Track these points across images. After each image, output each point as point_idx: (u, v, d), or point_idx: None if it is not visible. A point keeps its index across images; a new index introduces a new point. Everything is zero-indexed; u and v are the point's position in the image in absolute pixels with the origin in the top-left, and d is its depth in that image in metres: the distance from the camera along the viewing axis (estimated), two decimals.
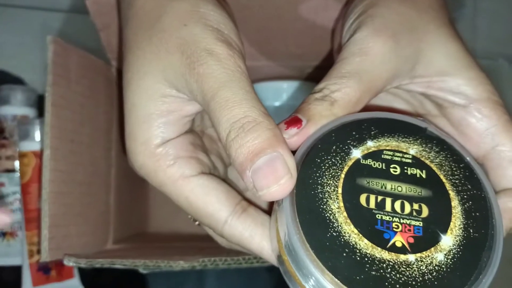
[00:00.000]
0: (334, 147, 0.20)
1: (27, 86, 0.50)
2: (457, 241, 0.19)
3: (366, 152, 0.21)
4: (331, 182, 0.19)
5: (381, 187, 0.20)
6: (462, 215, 0.20)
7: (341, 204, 0.19)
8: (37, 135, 0.43)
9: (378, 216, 0.19)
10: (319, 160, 0.20)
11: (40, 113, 0.48)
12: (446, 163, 0.21)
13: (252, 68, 0.41)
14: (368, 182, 0.20)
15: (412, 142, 0.21)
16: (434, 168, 0.21)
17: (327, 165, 0.20)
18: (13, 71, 0.53)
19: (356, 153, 0.20)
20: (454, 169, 0.21)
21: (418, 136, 0.22)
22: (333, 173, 0.20)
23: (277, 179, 0.19)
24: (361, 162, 0.20)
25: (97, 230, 0.37)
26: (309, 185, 0.19)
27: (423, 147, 0.21)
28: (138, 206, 0.47)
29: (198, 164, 0.24)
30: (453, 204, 0.20)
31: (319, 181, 0.19)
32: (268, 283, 0.47)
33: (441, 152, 0.21)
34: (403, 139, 0.21)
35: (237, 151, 0.19)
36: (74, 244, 0.33)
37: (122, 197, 0.41)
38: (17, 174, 0.46)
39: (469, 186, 0.21)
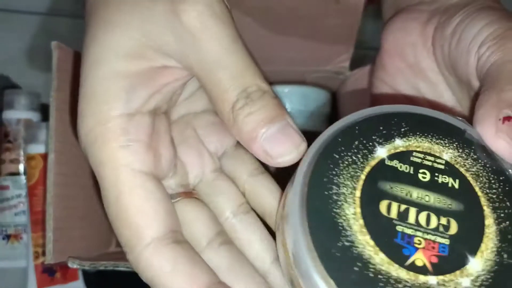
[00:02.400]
0: (356, 142, 0.18)
1: (30, 90, 0.51)
2: (487, 266, 0.16)
3: (393, 151, 0.18)
4: (349, 183, 0.17)
5: (406, 194, 0.17)
6: (496, 237, 0.17)
7: (358, 209, 0.17)
8: (45, 138, 0.44)
9: (399, 228, 0.17)
10: (337, 156, 0.18)
11: (44, 117, 0.49)
12: (484, 173, 0.18)
13: None
14: (392, 187, 0.17)
15: (447, 145, 0.19)
16: (470, 178, 0.18)
17: (347, 162, 0.17)
18: (15, 75, 0.54)
19: (382, 152, 0.18)
20: (492, 181, 0.18)
21: (455, 139, 0.19)
22: (352, 173, 0.17)
23: (295, 146, 0.18)
24: (386, 163, 0.18)
25: (101, 233, 0.37)
26: (323, 184, 0.17)
27: (459, 152, 0.19)
28: None
29: (154, 160, 0.19)
30: (486, 222, 0.17)
31: (335, 181, 0.17)
32: None
33: (479, 160, 0.19)
34: (437, 141, 0.19)
35: (244, 119, 0.18)
36: (78, 247, 0.33)
37: None
38: (22, 177, 0.47)
39: (508, 203, 0.18)
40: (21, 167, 0.47)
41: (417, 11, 0.27)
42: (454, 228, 0.17)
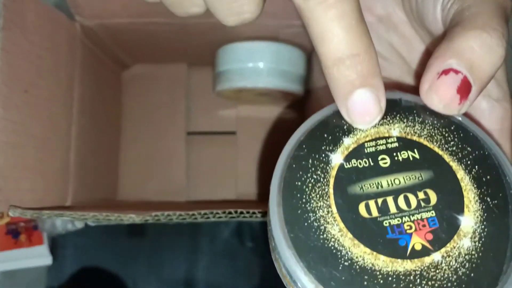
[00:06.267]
0: (310, 161, 0.18)
1: None
2: (477, 217, 0.17)
3: (346, 152, 0.18)
4: (322, 203, 0.17)
5: (377, 188, 0.17)
6: (473, 185, 0.17)
7: (342, 225, 0.16)
8: None
9: (386, 223, 0.16)
10: (299, 183, 0.17)
11: None
12: (436, 131, 0.18)
13: (224, 27, 0.39)
14: (361, 187, 0.17)
15: (391, 121, 0.18)
16: (425, 143, 0.18)
17: (310, 185, 0.17)
18: None
19: (337, 158, 0.18)
20: (446, 135, 0.18)
21: (396, 112, 0.19)
22: (320, 192, 0.17)
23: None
24: (346, 166, 0.17)
25: (54, 188, 0.35)
26: (299, 216, 0.16)
27: (405, 122, 0.18)
28: (106, 171, 0.46)
29: None
30: (459, 176, 0.17)
31: (309, 208, 0.17)
32: (255, 266, 0.47)
33: (426, 121, 0.18)
34: (380, 122, 0.18)
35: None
36: (26, 199, 0.32)
37: (85, 158, 0.40)
38: None
39: (468, 148, 0.18)
40: None
41: None
42: (433, 197, 0.17)
